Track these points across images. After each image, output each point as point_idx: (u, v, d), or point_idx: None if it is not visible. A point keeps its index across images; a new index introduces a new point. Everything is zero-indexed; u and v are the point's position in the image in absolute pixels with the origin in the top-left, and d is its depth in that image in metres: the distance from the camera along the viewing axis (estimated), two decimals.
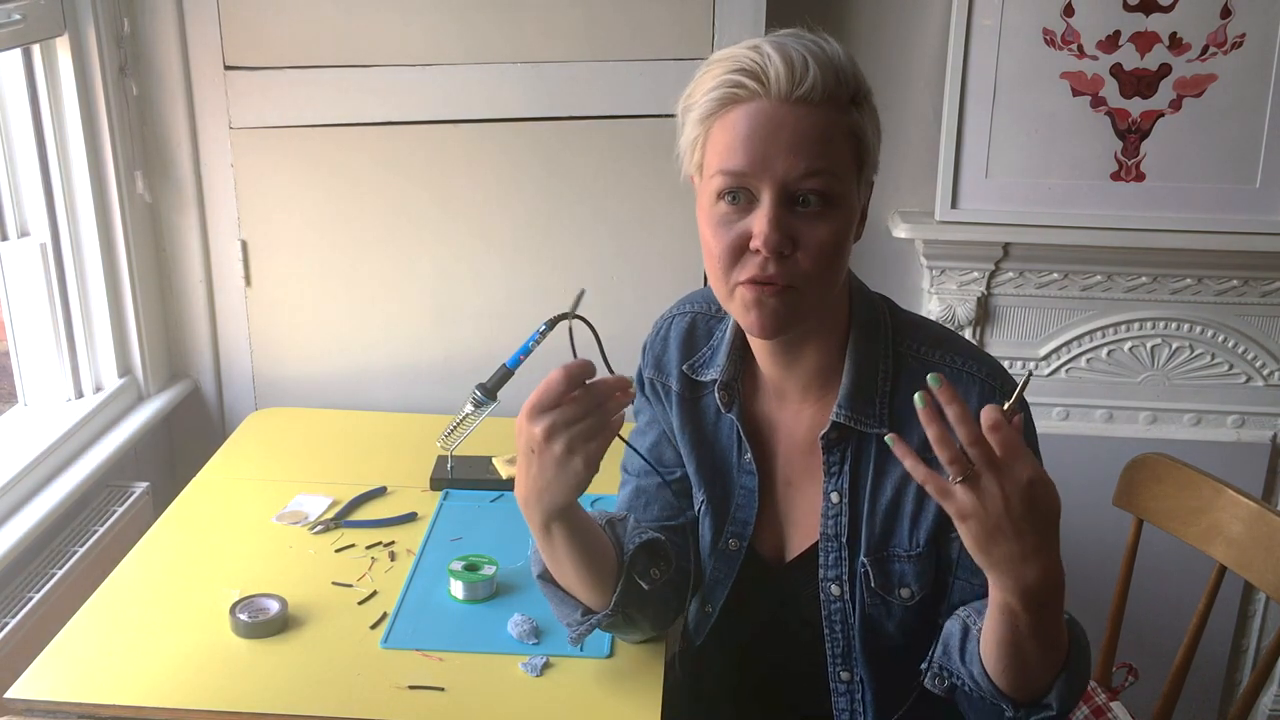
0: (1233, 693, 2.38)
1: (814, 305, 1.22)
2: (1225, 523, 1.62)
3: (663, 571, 1.36)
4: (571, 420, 1.18)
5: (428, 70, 2.00)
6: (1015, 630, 1.10)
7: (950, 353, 1.28)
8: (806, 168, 1.15)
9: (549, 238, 2.10)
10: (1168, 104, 2.07)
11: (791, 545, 1.36)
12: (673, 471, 1.43)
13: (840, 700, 1.35)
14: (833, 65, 1.16)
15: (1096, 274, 2.17)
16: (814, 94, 1.15)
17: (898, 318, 1.32)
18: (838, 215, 1.18)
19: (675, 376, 1.40)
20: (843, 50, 1.19)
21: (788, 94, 1.15)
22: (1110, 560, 1.85)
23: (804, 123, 1.15)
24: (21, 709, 1.32)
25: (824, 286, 1.21)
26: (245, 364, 2.18)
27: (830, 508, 1.30)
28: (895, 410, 1.27)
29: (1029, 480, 1.03)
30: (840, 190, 1.17)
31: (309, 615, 1.49)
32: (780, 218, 1.16)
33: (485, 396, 1.77)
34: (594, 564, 1.29)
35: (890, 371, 1.28)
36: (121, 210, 1.97)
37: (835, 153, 1.17)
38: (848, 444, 1.29)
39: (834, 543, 1.30)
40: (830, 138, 1.16)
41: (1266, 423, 2.25)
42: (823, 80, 1.15)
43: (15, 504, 1.71)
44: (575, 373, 1.18)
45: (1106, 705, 1.67)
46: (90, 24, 1.87)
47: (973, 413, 1.21)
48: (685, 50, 1.98)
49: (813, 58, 1.15)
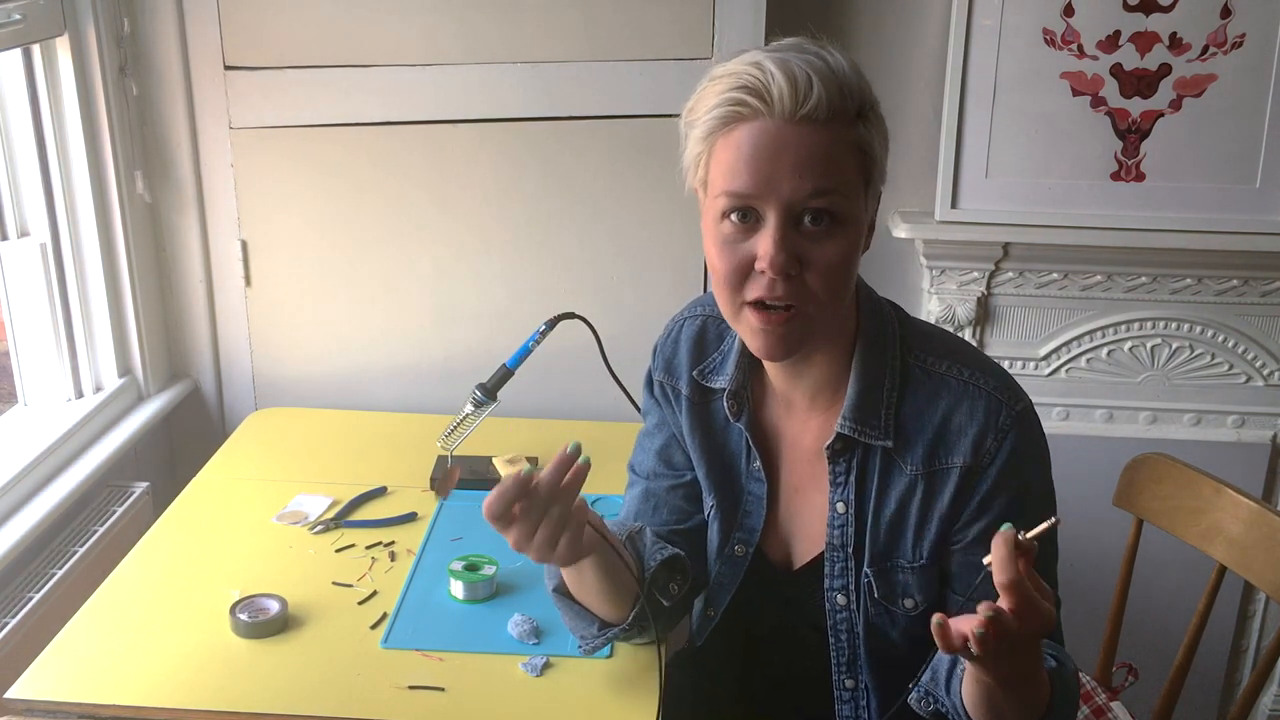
0: (1233, 693, 2.38)
1: (821, 327, 1.21)
2: (1225, 523, 1.62)
3: (681, 586, 1.36)
4: (531, 531, 1.18)
5: (427, 70, 2.00)
6: (992, 697, 1.12)
7: (958, 364, 1.26)
8: (813, 188, 1.14)
9: (549, 238, 2.09)
10: (1168, 104, 2.07)
11: (798, 553, 1.36)
12: (682, 475, 1.43)
13: (844, 708, 1.35)
14: (837, 80, 1.14)
15: (1096, 274, 2.17)
16: (818, 112, 1.12)
17: (906, 327, 1.30)
18: (845, 233, 1.16)
19: (685, 381, 1.39)
20: (848, 61, 1.16)
21: (791, 113, 1.12)
22: (1110, 560, 1.85)
23: (808, 142, 1.13)
24: (21, 709, 1.32)
25: (832, 306, 1.19)
26: (245, 364, 2.18)
27: (836, 517, 1.30)
28: (900, 422, 1.26)
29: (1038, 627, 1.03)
30: (847, 208, 1.16)
31: (309, 615, 1.49)
32: (786, 238, 1.14)
33: (485, 396, 1.78)
34: (614, 583, 1.30)
35: (897, 383, 1.27)
36: (121, 210, 1.96)
37: (841, 171, 1.15)
38: (853, 455, 1.28)
39: (840, 553, 1.30)
40: (835, 156, 1.14)
41: (1266, 423, 2.25)
42: (827, 97, 1.12)
43: (15, 504, 1.71)
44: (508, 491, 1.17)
45: (1106, 705, 1.67)
46: (90, 24, 1.87)
47: (977, 429, 1.21)
48: (685, 50, 1.98)
49: (816, 74, 1.12)
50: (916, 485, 1.26)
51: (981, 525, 1.24)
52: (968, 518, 1.25)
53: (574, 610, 1.34)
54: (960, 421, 1.24)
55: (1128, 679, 1.70)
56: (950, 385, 1.25)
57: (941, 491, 1.25)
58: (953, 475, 1.24)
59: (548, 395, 2.09)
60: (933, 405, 1.25)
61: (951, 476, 1.24)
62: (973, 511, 1.25)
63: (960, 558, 1.26)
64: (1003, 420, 1.23)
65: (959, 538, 1.26)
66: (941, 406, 1.25)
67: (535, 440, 1.97)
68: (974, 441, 1.23)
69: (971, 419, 1.23)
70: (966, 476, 1.23)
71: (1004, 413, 1.23)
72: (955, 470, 1.24)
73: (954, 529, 1.26)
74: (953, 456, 1.24)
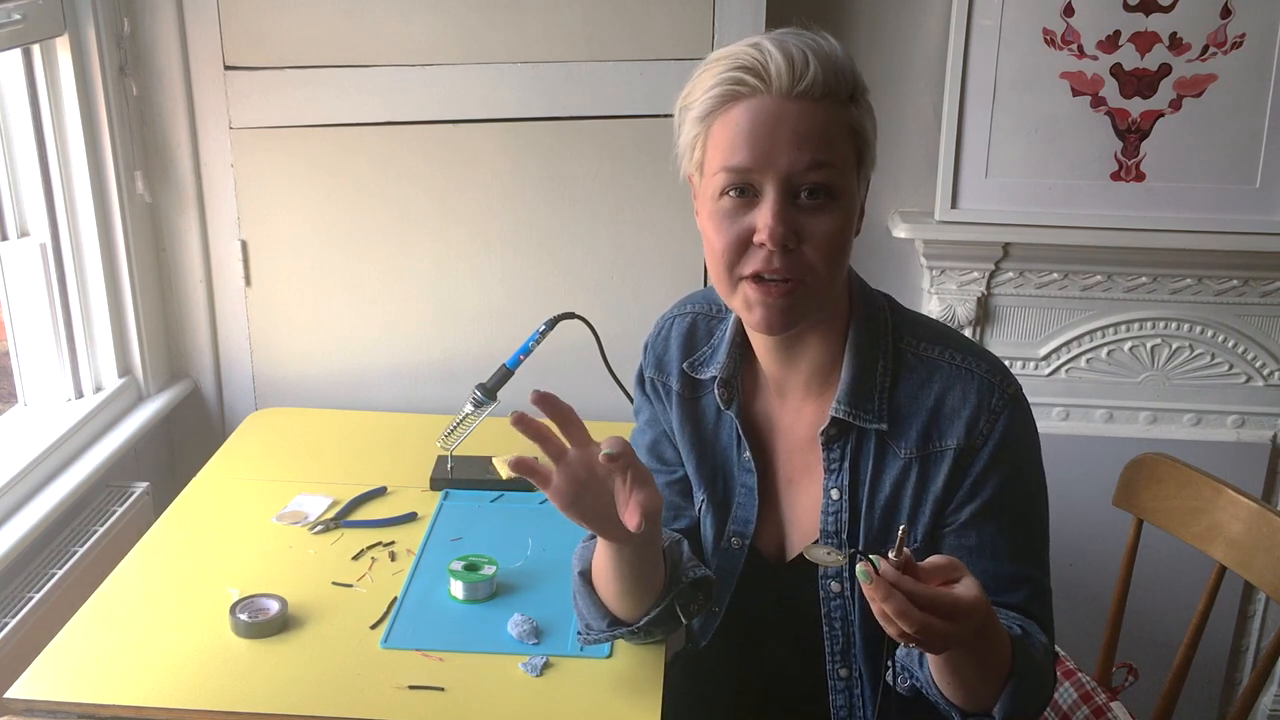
0: (1233, 693, 2.38)
1: (819, 301, 1.23)
2: (1225, 523, 1.62)
3: (701, 608, 1.37)
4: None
5: (428, 70, 2.00)
6: (952, 664, 1.14)
7: (949, 349, 1.28)
8: (810, 160, 1.16)
9: (549, 238, 2.09)
10: (1168, 104, 2.07)
11: (792, 543, 1.37)
12: (674, 470, 1.43)
13: (839, 697, 1.36)
14: (832, 61, 1.17)
15: (1096, 274, 2.17)
16: (814, 89, 1.16)
17: (898, 314, 1.32)
18: (840, 208, 1.19)
19: (675, 375, 1.40)
20: (840, 47, 1.20)
21: (789, 90, 1.15)
22: (1110, 560, 1.85)
23: (806, 117, 1.16)
24: (21, 709, 1.32)
25: (829, 280, 1.21)
26: (245, 364, 2.18)
27: (830, 504, 1.30)
28: (894, 406, 1.27)
29: (964, 620, 1.05)
30: (843, 184, 1.18)
31: (309, 615, 1.49)
32: (785, 211, 1.17)
33: (485, 396, 1.78)
34: (643, 585, 1.30)
35: (890, 368, 1.28)
36: (121, 210, 1.97)
37: (837, 146, 1.18)
38: (847, 440, 1.29)
39: (834, 539, 1.31)
40: (832, 132, 1.17)
41: (1266, 423, 2.25)
42: (823, 75, 1.16)
43: (15, 504, 1.71)
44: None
45: (1106, 705, 1.67)
46: (90, 24, 1.87)
47: (970, 410, 1.21)
48: (685, 50, 1.98)
49: (813, 53, 1.16)
50: (910, 469, 1.27)
51: (974, 507, 1.26)
52: (960, 499, 1.26)
53: (591, 599, 1.34)
54: (954, 404, 1.25)
55: (1128, 679, 1.70)
56: (943, 369, 1.27)
57: (936, 474, 1.26)
58: (947, 457, 1.25)
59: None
60: (926, 389, 1.26)
61: (945, 459, 1.25)
62: (965, 493, 1.26)
63: (952, 540, 1.28)
64: (995, 402, 1.25)
65: (950, 520, 1.27)
66: (935, 389, 1.26)
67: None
68: (967, 423, 1.24)
69: (965, 401, 1.25)
70: (960, 457, 1.25)
71: (997, 394, 1.25)
72: (949, 452, 1.25)
73: (946, 511, 1.27)
74: (946, 439, 1.25)
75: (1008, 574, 1.26)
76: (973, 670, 1.15)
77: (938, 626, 1.02)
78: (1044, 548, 1.30)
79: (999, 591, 1.25)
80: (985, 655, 1.14)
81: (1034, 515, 1.30)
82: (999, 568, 1.26)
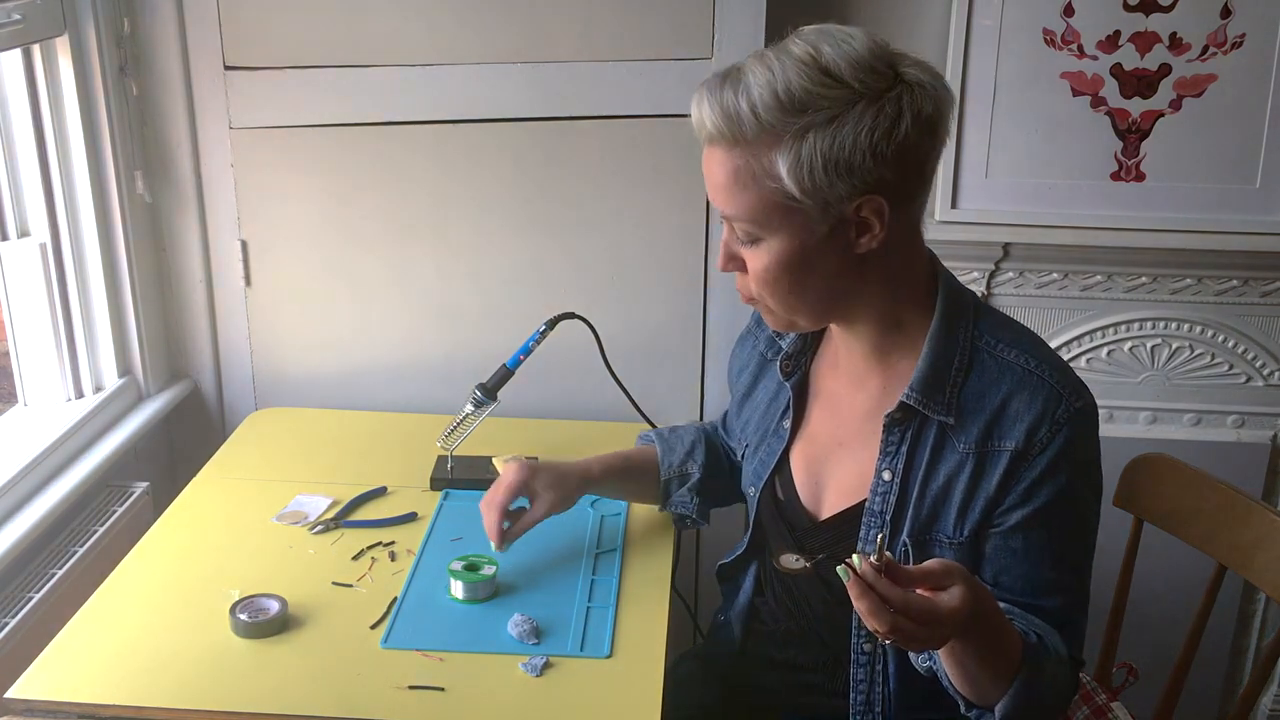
0: (1233, 693, 2.38)
1: (787, 318, 1.30)
2: (1225, 523, 1.62)
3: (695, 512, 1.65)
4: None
5: (428, 70, 2.00)
6: (951, 650, 1.16)
7: (1025, 354, 1.29)
8: (724, 210, 1.24)
9: (549, 238, 2.09)
10: (1168, 104, 2.07)
11: (828, 503, 1.39)
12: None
13: (860, 671, 1.37)
14: (750, 100, 1.16)
15: (1096, 274, 2.17)
16: (719, 138, 1.20)
17: (982, 312, 1.34)
18: (769, 246, 1.23)
19: (764, 338, 1.51)
20: (820, 63, 1.16)
21: (704, 139, 1.22)
22: (1110, 560, 1.84)
23: (715, 168, 1.22)
24: (21, 709, 1.32)
25: (784, 303, 1.27)
26: (245, 364, 2.18)
27: (881, 484, 1.32)
28: (961, 401, 1.29)
29: (939, 627, 1.08)
30: (765, 223, 1.22)
31: (309, 615, 1.49)
32: (728, 244, 1.27)
33: (485, 396, 1.78)
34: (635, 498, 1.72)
35: (965, 364, 1.30)
36: (121, 210, 1.96)
37: (742, 198, 1.21)
38: (909, 426, 1.31)
39: (877, 518, 1.32)
40: (734, 184, 1.21)
41: (1266, 423, 2.25)
42: (723, 124, 1.18)
43: (15, 504, 1.71)
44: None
45: (1106, 705, 1.67)
46: (90, 24, 1.87)
47: (1033, 416, 1.26)
48: (685, 51, 1.98)
49: (729, 92, 1.17)
50: (966, 463, 1.28)
51: (1024, 513, 1.27)
52: (1011, 503, 1.27)
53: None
54: (1018, 407, 1.26)
55: (1128, 679, 1.70)
56: (1015, 371, 1.28)
57: (990, 473, 1.27)
58: (1002, 458, 1.26)
59: (548, 395, 2.09)
60: (995, 388, 1.28)
61: (1001, 459, 1.26)
62: (1017, 497, 1.27)
63: (998, 541, 1.29)
64: (1060, 413, 1.25)
65: (999, 521, 1.28)
66: (1003, 390, 1.27)
67: (535, 440, 1.97)
68: (1029, 428, 1.25)
69: (1029, 406, 1.26)
70: (1015, 461, 1.26)
71: (1063, 406, 1.25)
72: (1005, 454, 1.26)
73: (996, 512, 1.28)
74: (1005, 440, 1.26)
75: (1046, 580, 1.28)
76: (976, 666, 1.17)
77: (908, 629, 1.05)
78: (1087, 561, 1.31)
79: (1033, 595, 1.27)
80: (988, 654, 1.16)
81: (1082, 530, 1.31)
82: (1038, 573, 1.28)
